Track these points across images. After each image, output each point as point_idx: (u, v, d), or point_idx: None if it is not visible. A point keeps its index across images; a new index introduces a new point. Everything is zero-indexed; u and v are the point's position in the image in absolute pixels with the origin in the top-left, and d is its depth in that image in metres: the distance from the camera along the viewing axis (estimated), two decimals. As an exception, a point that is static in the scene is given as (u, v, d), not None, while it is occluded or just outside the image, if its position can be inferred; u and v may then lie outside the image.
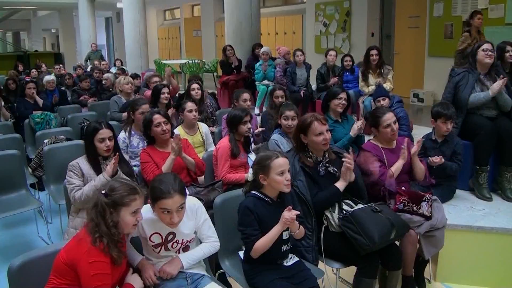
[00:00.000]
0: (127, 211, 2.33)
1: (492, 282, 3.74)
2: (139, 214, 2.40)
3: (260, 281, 2.71)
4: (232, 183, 3.94)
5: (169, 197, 2.47)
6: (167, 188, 2.49)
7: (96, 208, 2.32)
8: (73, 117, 6.37)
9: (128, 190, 2.35)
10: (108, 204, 2.31)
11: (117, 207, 2.32)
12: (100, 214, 2.30)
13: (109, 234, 2.27)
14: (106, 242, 2.26)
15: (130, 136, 4.60)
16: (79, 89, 8.47)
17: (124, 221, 2.34)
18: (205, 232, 2.78)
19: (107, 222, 2.28)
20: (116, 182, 2.40)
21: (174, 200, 2.48)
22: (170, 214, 2.50)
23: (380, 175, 3.42)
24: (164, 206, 2.49)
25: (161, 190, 2.49)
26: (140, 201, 2.39)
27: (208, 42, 18.29)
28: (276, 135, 4.29)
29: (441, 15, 9.40)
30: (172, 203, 2.48)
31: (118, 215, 2.32)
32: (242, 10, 9.64)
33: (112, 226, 2.29)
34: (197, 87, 6.01)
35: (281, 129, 4.32)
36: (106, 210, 2.30)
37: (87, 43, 17.56)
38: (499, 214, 3.94)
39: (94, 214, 2.31)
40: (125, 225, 2.36)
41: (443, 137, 4.07)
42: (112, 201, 2.32)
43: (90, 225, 2.30)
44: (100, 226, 2.28)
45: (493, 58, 4.32)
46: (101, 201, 2.32)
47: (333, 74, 7.66)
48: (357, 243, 2.93)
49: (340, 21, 11.98)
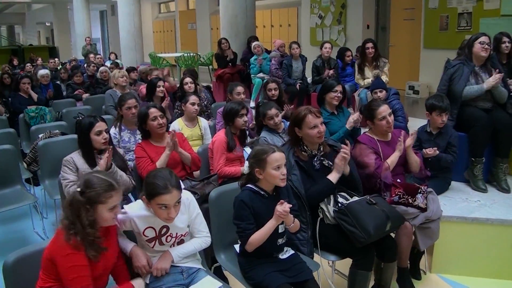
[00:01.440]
0: (104, 208, 2.29)
1: (487, 273, 3.76)
2: (117, 209, 2.36)
3: (256, 274, 2.71)
4: (228, 176, 3.94)
5: (168, 192, 2.46)
6: (164, 183, 2.47)
7: (71, 206, 2.26)
8: (68, 112, 6.35)
9: (104, 187, 2.28)
10: (83, 203, 2.25)
11: (93, 205, 2.27)
12: (74, 213, 2.25)
13: (83, 233, 2.23)
14: (79, 239, 2.22)
15: (120, 132, 4.58)
16: (73, 83, 8.44)
17: (101, 217, 2.30)
18: (197, 226, 2.78)
19: (82, 221, 2.23)
20: (93, 178, 2.33)
21: (172, 196, 2.47)
22: (167, 210, 2.49)
23: (375, 168, 3.43)
24: (162, 202, 2.47)
25: (159, 186, 2.47)
26: (117, 196, 2.34)
27: (203, 35, 18.24)
28: (265, 132, 4.31)
29: (437, 7, 9.39)
30: (170, 198, 2.47)
31: (95, 212, 2.28)
32: (237, 3, 9.62)
33: (87, 225, 2.23)
34: (190, 81, 6.02)
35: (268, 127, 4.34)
36: (81, 209, 2.24)
37: (81, 37, 17.50)
38: (494, 206, 3.95)
39: (69, 212, 2.26)
40: (104, 220, 2.32)
41: (438, 129, 4.08)
42: (88, 199, 2.26)
43: (65, 222, 2.25)
44: (75, 225, 2.23)
45: (489, 51, 4.30)
46: (76, 199, 2.26)
47: (328, 67, 7.67)
48: (352, 236, 2.94)
49: (336, 14, 11.95)
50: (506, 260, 3.72)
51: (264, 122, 4.35)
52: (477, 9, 8.62)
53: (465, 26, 8.87)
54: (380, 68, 6.69)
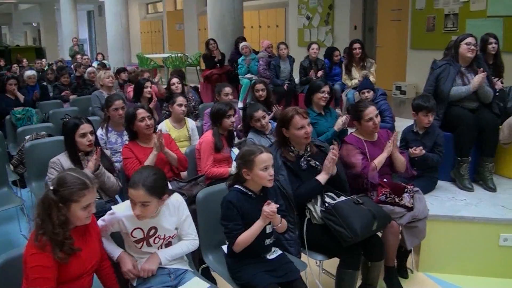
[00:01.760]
0: (77, 206, 2.26)
1: (473, 271, 3.80)
2: (91, 207, 2.33)
3: (243, 275, 2.71)
4: (216, 177, 3.94)
5: (133, 187, 2.47)
6: (136, 179, 2.49)
7: (43, 205, 2.24)
8: (55, 113, 6.29)
9: (78, 186, 2.26)
10: (56, 201, 2.22)
11: (66, 203, 2.24)
12: (46, 212, 2.22)
13: (53, 233, 2.20)
14: (46, 240, 2.19)
15: (107, 133, 4.56)
16: (60, 84, 8.38)
17: (75, 216, 2.28)
18: (186, 229, 2.78)
19: (52, 220, 2.20)
20: (67, 176, 2.30)
21: (138, 193, 2.47)
22: (134, 205, 2.51)
23: (362, 168, 3.45)
24: (129, 195, 2.50)
25: (132, 179, 2.51)
26: (90, 195, 2.31)
27: (191, 35, 18.20)
28: (252, 133, 4.32)
29: (423, 8, 9.46)
30: (135, 194, 2.47)
31: (68, 211, 2.25)
32: (224, 4, 9.61)
33: (57, 225, 2.20)
34: (177, 81, 6.02)
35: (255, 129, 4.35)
36: (52, 208, 2.22)
37: (69, 37, 17.42)
38: (480, 204, 3.99)
39: (41, 210, 2.23)
40: (77, 219, 2.30)
41: (425, 129, 4.10)
42: (61, 197, 2.24)
43: (37, 221, 2.23)
44: (45, 224, 2.20)
45: (475, 52, 4.33)
46: (49, 198, 2.24)
47: (315, 68, 7.69)
48: (339, 235, 2.96)
49: (323, 14, 11.99)
50: (492, 258, 3.76)
51: (251, 124, 4.36)
52: (463, 10, 8.69)
53: (451, 27, 8.94)
54: (367, 68, 6.74)
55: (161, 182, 2.58)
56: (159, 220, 2.65)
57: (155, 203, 2.53)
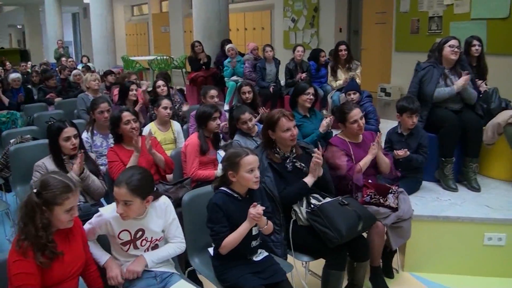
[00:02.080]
0: (60, 209, 2.25)
1: (458, 270, 3.84)
2: (74, 211, 2.33)
3: (230, 277, 2.72)
4: (201, 180, 3.93)
5: (117, 185, 2.48)
6: (121, 177, 2.50)
7: (26, 208, 2.22)
8: (40, 116, 6.22)
9: (61, 188, 2.25)
10: (39, 204, 2.21)
11: (49, 206, 2.23)
12: (29, 215, 2.21)
13: (35, 237, 2.18)
14: (28, 245, 2.17)
15: (92, 136, 4.54)
16: (45, 87, 8.31)
17: (58, 219, 2.27)
18: (173, 232, 2.77)
19: (35, 223, 2.19)
20: (50, 179, 2.29)
21: (120, 191, 2.46)
22: (117, 204, 2.51)
23: (347, 170, 3.48)
24: (114, 193, 2.51)
25: (117, 178, 2.52)
26: (73, 198, 2.30)
27: (177, 38, 18.16)
28: (238, 136, 4.32)
29: (408, 11, 9.54)
30: (118, 192, 2.47)
31: (51, 214, 2.24)
32: (210, 6, 9.61)
33: (40, 228, 2.19)
34: (163, 84, 6.00)
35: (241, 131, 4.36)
36: (35, 210, 2.20)
37: (53, 40, 17.28)
38: (464, 204, 4.03)
39: (23, 213, 2.22)
40: (60, 222, 2.29)
41: (409, 130, 4.14)
42: (44, 200, 2.23)
43: (20, 225, 2.22)
44: (27, 227, 2.19)
45: (458, 54, 4.36)
46: (32, 201, 2.22)
47: (301, 70, 7.71)
48: (325, 236, 2.97)
49: (308, 17, 12.05)
50: (476, 257, 3.80)
51: (238, 126, 4.36)
52: (447, 13, 8.79)
53: (435, 30, 9.03)
54: (353, 70, 6.78)
55: (146, 183, 2.57)
56: (146, 222, 2.64)
57: (138, 203, 2.51)
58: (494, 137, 4.41)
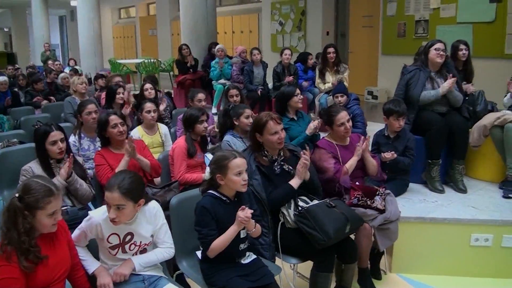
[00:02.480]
0: (43, 214, 2.23)
1: (445, 270, 3.86)
2: (57, 215, 2.30)
3: (218, 280, 2.71)
4: (189, 183, 3.92)
5: (109, 190, 2.46)
6: (112, 181, 2.48)
7: (8, 213, 2.20)
8: (27, 120, 6.15)
9: (43, 193, 2.23)
10: (21, 209, 2.19)
11: (32, 210, 2.21)
12: (11, 219, 2.18)
13: (18, 241, 2.16)
14: (11, 250, 2.15)
15: (80, 139, 4.51)
16: (32, 90, 8.25)
17: (41, 224, 2.25)
18: (161, 237, 2.76)
19: (18, 228, 2.17)
20: (32, 183, 2.27)
21: (113, 196, 2.45)
22: (109, 209, 2.49)
23: (335, 172, 3.49)
24: (105, 198, 2.48)
25: (108, 183, 2.50)
26: (56, 202, 2.28)
27: (164, 41, 18.14)
28: (229, 136, 4.30)
29: (394, 15, 9.62)
30: (110, 196, 2.45)
31: (34, 218, 2.22)
32: (197, 9, 9.60)
33: (23, 233, 2.17)
34: (150, 87, 5.97)
35: (233, 131, 4.33)
36: (18, 215, 2.18)
37: (40, 42, 17.18)
38: (451, 205, 4.06)
39: (6, 218, 2.20)
40: (43, 227, 2.27)
41: (396, 133, 4.16)
42: (26, 204, 2.21)
43: (3, 230, 2.19)
44: (10, 232, 2.17)
45: (444, 57, 4.40)
46: (14, 205, 2.20)
47: (288, 73, 7.74)
48: (313, 238, 2.98)
49: (296, 20, 12.09)
50: (463, 258, 3.83)
51: (237, 122, 4.32)
52: (433, 17, 8.88)
53: (422, 33, 9.12)
54: (341, 73, 6.81)
55: (137, 186, 2.56)
56: (136, 226, 2.63)
57: (130, 207, 2.50)
58: (480, 139, 4.45)
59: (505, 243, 3.75)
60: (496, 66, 7.51)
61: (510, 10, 7.66)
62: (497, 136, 4.33)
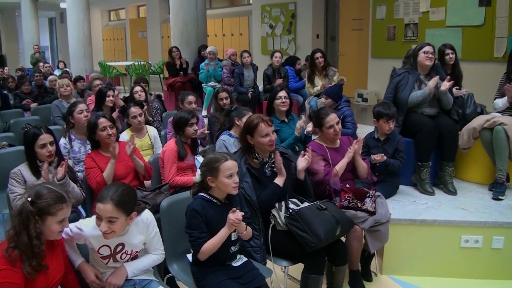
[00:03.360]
0: (53, 220, 2.22)
1: (435, 272, 3.88)
2: (66, 222, 2.30)
3: (208, 283, 2.70)
4: (180, 186, 3.91)
5: (101, 201, 2.41)
6: (104, 193, 2.43)
7: (20, 216, 2.18)
8: (16, 122, 6.12)
9: (55, 199, 2.23)
10: (33, 213, 2.18)
11: (42, 216, 2.20)
12: (23, 223, 2.17)
13: (29, 245, 2.14)
14: (17, 254, 2.13)
15: (70, 142, 4.48)
16: (21, 93, 8.19)
17: (49, 230, 2.23)
18: (154, 245, 2.74)
19: (29, 232, 2.15)
20: (44, 189, 2.26)
21: (105, 207, 2.39)
22: (99, 221, 2.43)
23: (325, 174, 3.50)
24: (97, 210, 2.43)
25: (100, 194, 2.45)
26: (67, 209, 2.28)
27: (154, 43, 18.10)
28: (225, 135, 4.29)
29: (384, 18, 9.67)
30: (102, 208, 2.39)
31: (44, 224, 2.21)
32: (187, 11, 9.60)
33: (34, 237, 2.16)
34: (140, 89, 5.94)
35: (230, 131, 4.33)
36: (30, 219, 2.17)
37: (30, 44, 17.11)
38: (441, 207, 4.08)
39: (17, 222, 2.18)
40: (51, 233, 2.25)
41: (386, 135, 4.17)
42: (38, 209, 2.19)
43: (11, 233, 2.17)
44: (20, 236, 2.15)
45: (433, 60, 4.43)
46: (26, 209, 2.18)
47: (279, 76, 7.75)
48: (303, 241, 2.98)
49: (286, 23, 12.12)
50: (453, 259, 3.85)
51: (239, 122, 4.24)
52: (423, 20, 8.94)
53: (411, 37, 9.17)
54: (330, 76, 6.83)
55: (130, 198, 2.51)
56: (127, 237, 2.60)
57: (122, 219, 2.45)
58: (470, 141, 4.47)
59: (495, 245, 3.78)
60: (485, 69, 7.58)
61: (499, 14, 7.72)
62: (487, 139, 4.35)
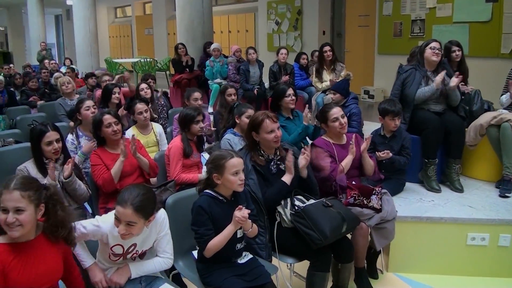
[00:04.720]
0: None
1: (441, 270, 3.87)
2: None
3: (214, 280, 2.70)
4: (185, 183, 3.91)
5: (122, 205, 2.38)
6: (125, 197, 2.40)
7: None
8: (22, 119, 6.11)
9: None
10: None
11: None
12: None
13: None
14: None
15: (78, 138, 4.49)
16: (28, 90, 8.21)
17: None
18: (163, 246, 2.70)
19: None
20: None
21: (125, 212, 2.37)
22: (118, 223, 2.42)
23: (331, 171, 3.49)
24: (116, 212, 2.42)
25: (121, 196, 2.42)
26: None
27: (160, 40, 18.09)
28: (229, 134, 4.29)
29: (390, 14, 9.61)
30: (122, 212, 2.38)
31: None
32: (194, 8, 9.57)
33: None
34: (146, 86, 5.93)
35: (234, 129, 4.32)
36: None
37: (36, 42, 17.14)
38: (447, 205, 4.07)
39: None
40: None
41: (392, 132, 4.16)
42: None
43: None
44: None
45: (440, 56, 4.41)
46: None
47: (284, 72, 7.74)
48: (309, 238, 2.98)
49: (292, 20, 12.08)
50: (460, 257, 3.84)
51: (238, 120, 4.27)
52: (430, 16, 8.87)
53: (418, 33, 9.11)
54: (337, 72, 6.81)
55: (150, 203, 2.49)
56: (141, 238, 2.59)
57: (141, 223, 2.44)
58: (477, 138, 4.45)
59: (502, 242, 3.77)
60: (492, 65, 7.52)
61: (506, 10, 7.66)
62: (494, 136, 4.33)
